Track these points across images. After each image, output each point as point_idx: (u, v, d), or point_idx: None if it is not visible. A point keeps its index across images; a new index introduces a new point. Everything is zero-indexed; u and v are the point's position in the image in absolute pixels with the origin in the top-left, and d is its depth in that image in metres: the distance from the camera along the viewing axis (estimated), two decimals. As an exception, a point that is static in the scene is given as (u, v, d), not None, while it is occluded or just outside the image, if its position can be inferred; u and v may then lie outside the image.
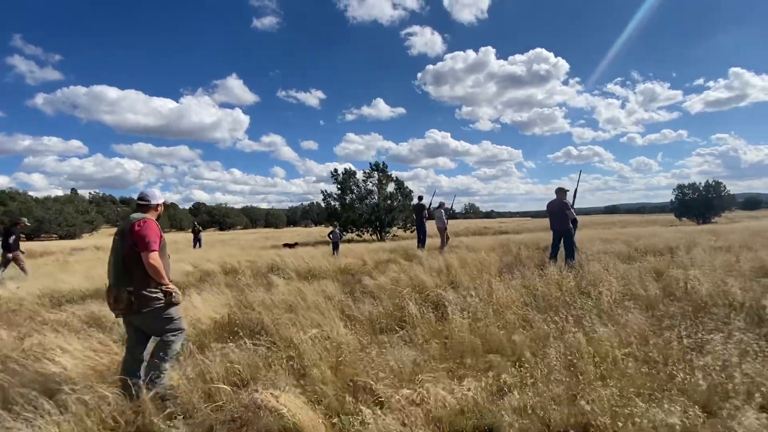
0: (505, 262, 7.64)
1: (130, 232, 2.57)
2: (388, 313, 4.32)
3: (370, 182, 21.55)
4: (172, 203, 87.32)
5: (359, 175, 21.44)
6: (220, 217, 72.33)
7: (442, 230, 10.79)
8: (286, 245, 18.12)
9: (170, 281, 2.72)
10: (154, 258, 2.55)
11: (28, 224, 10.24)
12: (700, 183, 41.88)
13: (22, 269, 8.81)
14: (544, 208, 7.91)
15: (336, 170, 21.07)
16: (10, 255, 8.65)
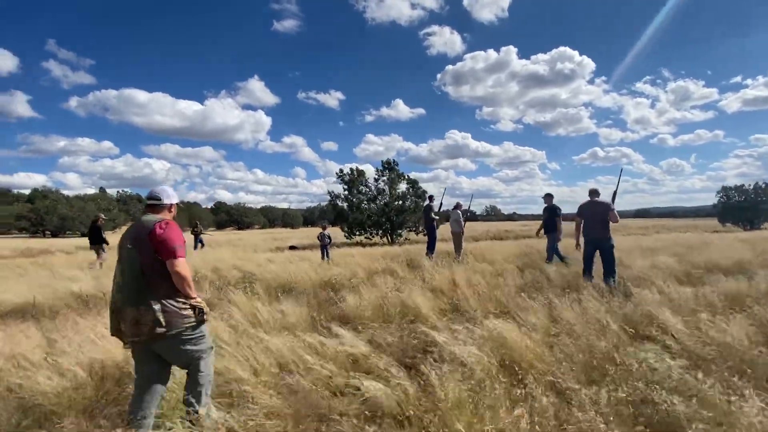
0: (526, 278, 6.17)
1: (151, 237, 2.13)
2: (344, 366, 2.97)
3: (382, 182, 20.19)
4: (194, 202, 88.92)
5: (370, 174, 20.21)
6: (238, 216, 72.82)
7: (458, 235, 9.28)
8: (291, 247, 17.16)
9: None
10: (183, 266, 2.15)
11: (104, 218, 11.07)
12: (749, 185, 38.32)
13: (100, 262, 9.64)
14: (570, 211, 6.39)
15: (342, 170, 19.93)
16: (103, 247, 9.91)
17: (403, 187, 20.20)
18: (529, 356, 2.74)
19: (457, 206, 9.63)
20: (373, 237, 19.80)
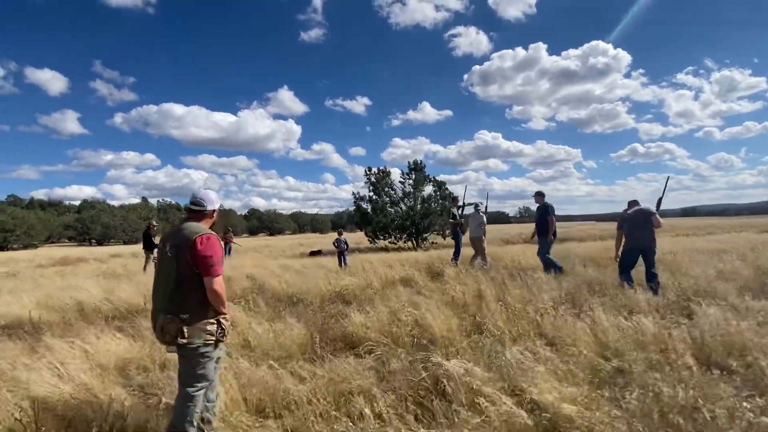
0: (566, 286, 5.37)
1: (191, 250, 2.06)
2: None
3: (408, 184, 19.50)
4: (229, 209, 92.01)
5: (397, 176, 19.57)
6: (269, 222, 74.45)
7: (478, 241, 8.25)
8: (311, 253, 16.88)
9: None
10: (220, 284, 2.11)
11: (155, 225, 11.56)
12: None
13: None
14: (609, 211, 5.73)
15: (369, 168, 19.29)
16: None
17: (429, 189, 19.48)
18: (572, 414, 2.03)
19: (476, 207, 8.59)
20: (398, 241, 19.15)
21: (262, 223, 74.25)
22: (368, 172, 19.06)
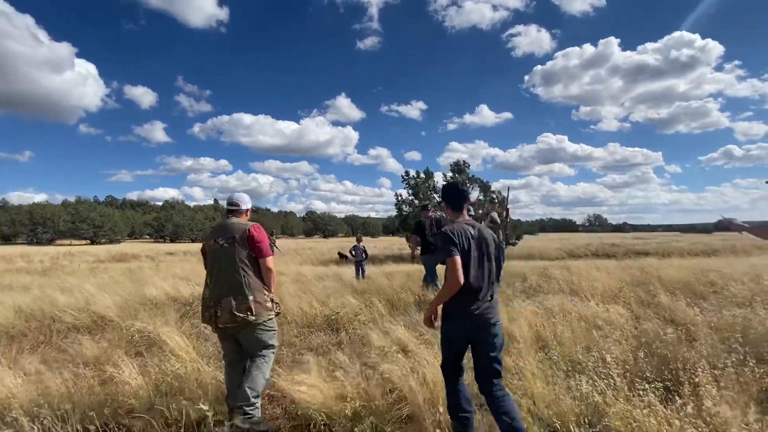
0: (644, 332, 3.60)
1: (248, 239, 2.44)
2: None
3: (452, 186, 17.69)
4: (290, 211, 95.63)
5: (439, 178, 17.91)
6: (323, 225, 75.91)
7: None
8: (340, 256, 16.17)
9: None
10: (272, 262, 2.52)
11: (273, 231, 12.50)
12: None
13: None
14: (697, 221, 3.79)
15: (407, 172, 17.84)
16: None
17: (476, 193, 17.47)
18: None
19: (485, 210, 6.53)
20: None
21: (317, 226, 75.95)
22: (406, 176, 17.65)
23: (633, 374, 2.77)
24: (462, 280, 1.94)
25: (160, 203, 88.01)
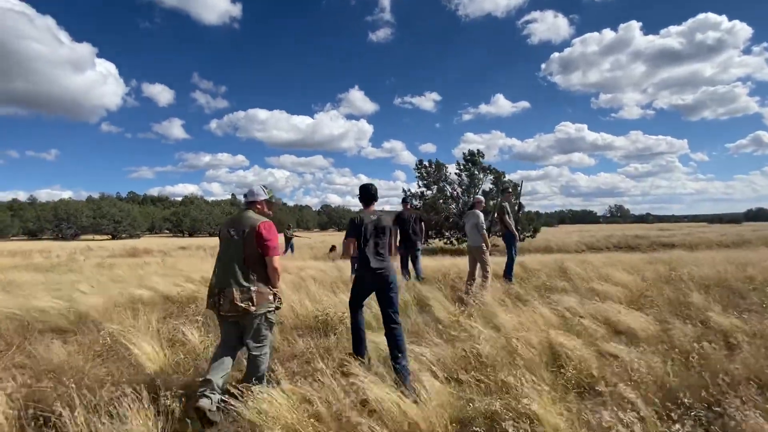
0: (677, 342, 3.11)
1: (257, 234, 2.52)
2: None
3: (465, 176, 17.05)
4: (306, 205, 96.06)
5: (453, 169, 17.21)
6: (337, 218, 75.97)
7: (478, 251, 5.68)
8: (332, 248, 16.00)
9: None
10: (278, 262, 2.58)
11: (290, 225, 13.61)
12: None
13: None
14: (725, 211, 3.62)
15: (421, 161, 17.22)
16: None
17: (489, 183, 16.75)
18: None
19: (475, 205, 6.03)
20: (456, 242, 16.87)
21: (331, 219, 76.07)
22: (418, 166, 17.02)
23: (664, 396, 2.29)
24: (351, 253, 3.01)
25: (180, 199, 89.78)
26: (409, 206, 7.25)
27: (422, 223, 7.16)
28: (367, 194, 3.11)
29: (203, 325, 4.11)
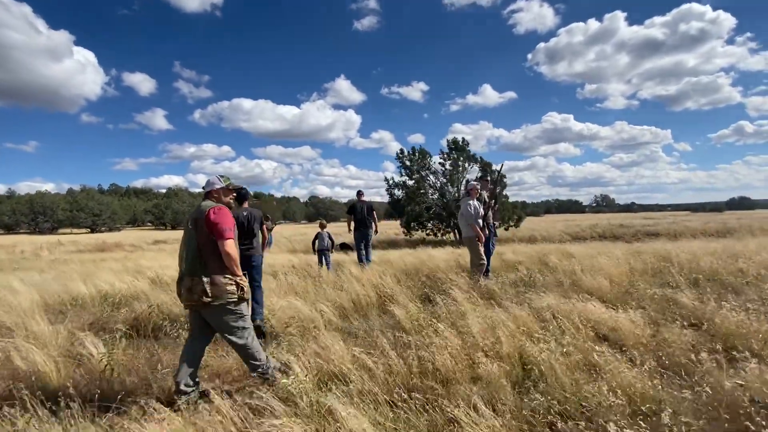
0: (668, 355, 2.65)
1: (206, 220, 2.47)
2: None
3: (449, 165, 16.50)
4: (293, 197, 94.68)
5: (436, 158, 16.61)
6: (324, 210, 75.06)
7: (471, 241, 5.35)
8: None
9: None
10: (231, 246, 2.49)
11: (269, 217, 12.67)
12: None
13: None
14: (708, 200, 3.15)
15: (403, 150, 16.53)
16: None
17: (475, 172, 16.19)
18: None
19: (470, 193, 5.55)
20: (438, 234, 16.37)
21: (319, 211, 75.12)
22: (401, 155, 16.39)
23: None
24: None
25: (164, 191, 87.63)
26: (362, 197, 7.70)
27: (374, 212, 7.64)
28: (239, 194, 3.88)
29: (125, 336, 3.51)
